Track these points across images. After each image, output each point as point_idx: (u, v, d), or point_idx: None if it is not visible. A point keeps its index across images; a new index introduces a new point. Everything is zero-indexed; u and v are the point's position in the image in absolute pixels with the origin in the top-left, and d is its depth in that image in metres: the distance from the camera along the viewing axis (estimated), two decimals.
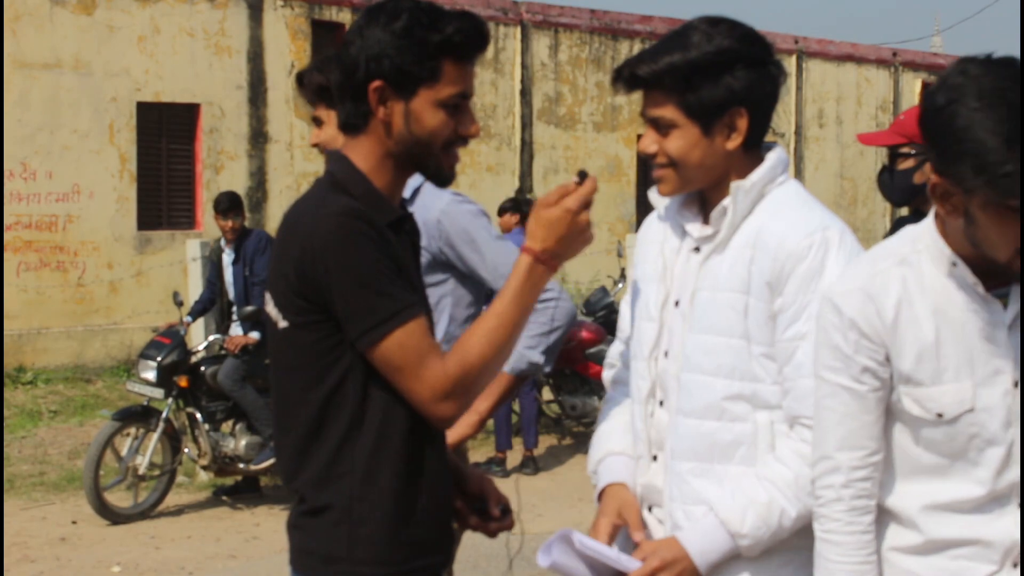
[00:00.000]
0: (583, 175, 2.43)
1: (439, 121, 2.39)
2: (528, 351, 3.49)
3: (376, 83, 2.36)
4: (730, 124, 2.52)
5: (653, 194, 2.68)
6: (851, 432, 2.38)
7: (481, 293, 3.62)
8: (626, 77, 2.53)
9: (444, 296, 3.51)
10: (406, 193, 3.49)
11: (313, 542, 2.40)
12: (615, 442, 2.74)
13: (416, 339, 2.31)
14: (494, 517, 2.60)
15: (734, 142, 2.53)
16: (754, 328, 2.50)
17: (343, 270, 2.28)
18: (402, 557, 2.39)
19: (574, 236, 2.41)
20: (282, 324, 2.40)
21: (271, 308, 2.42)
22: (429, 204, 3.52)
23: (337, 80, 2.43)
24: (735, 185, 2.54)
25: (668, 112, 2.50)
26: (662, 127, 2.52)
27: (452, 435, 3.36)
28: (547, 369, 3.45)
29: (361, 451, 2.35)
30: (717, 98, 2.49)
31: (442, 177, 2.48)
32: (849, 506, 2.40)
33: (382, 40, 2.35)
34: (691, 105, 2.49)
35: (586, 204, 2.41)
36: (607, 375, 2.89)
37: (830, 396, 2.39)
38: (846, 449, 2.39)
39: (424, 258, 3.45)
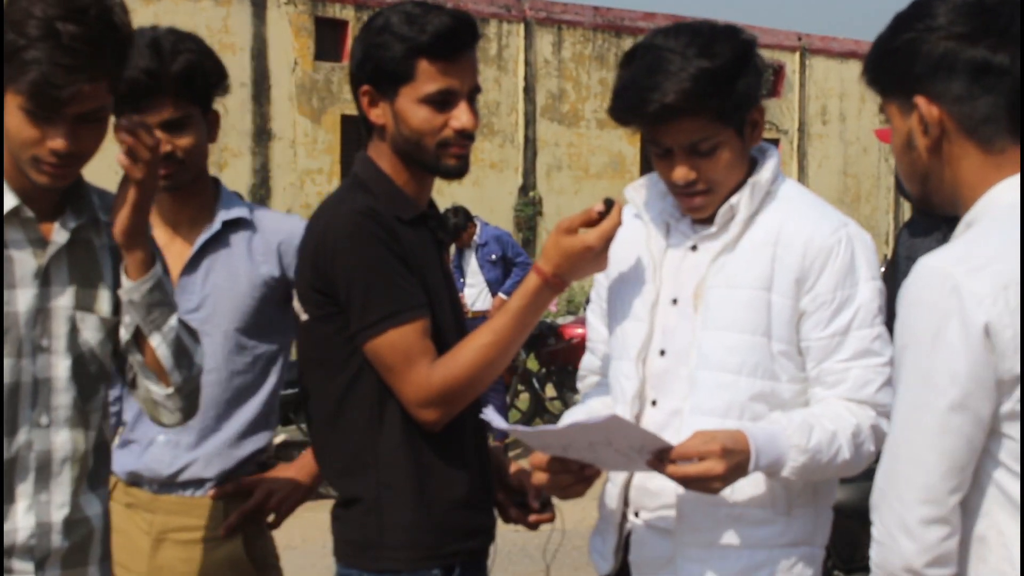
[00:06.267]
0: (609, 204, 2.44)
1: (422, 118, 2.46)
2: None
3: (364, 87, 2.51)
4: (752, 122, 2.51)
5: (630, 191, 2.66)
6: None
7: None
8: (654, 111, 2.40)
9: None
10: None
11: (349, 531, 2.49)
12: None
13: (408, 341, 2.38)
14: (533, 510, 2.65)
15: (756, 140, 2.54)
16: (776, 325, 2.47)
17: (350, 266, 2.39)
18: (432, 542, 2.44)
19: (589, 266, 2.47)
20: (304, 317, 2.50)
21: (296, 303, 2.53)
22: None
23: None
24: (752, 181, 2.51)
25: (710, 133, 2.43)
26: (704, 152, 2.45)
27: None
28: None
29: (385, 443, 2.42)
30: (748, 99, 2.46)
31: (447, 172, 2.53)
32: None
33: (364, 47, 2.49)
34: (727, 113, 2.43)
35: (608, 241, 2.42)
36: (581, 385, 2.83)
37: None
38: None
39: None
